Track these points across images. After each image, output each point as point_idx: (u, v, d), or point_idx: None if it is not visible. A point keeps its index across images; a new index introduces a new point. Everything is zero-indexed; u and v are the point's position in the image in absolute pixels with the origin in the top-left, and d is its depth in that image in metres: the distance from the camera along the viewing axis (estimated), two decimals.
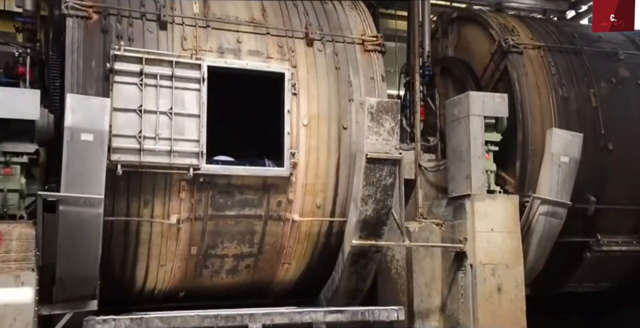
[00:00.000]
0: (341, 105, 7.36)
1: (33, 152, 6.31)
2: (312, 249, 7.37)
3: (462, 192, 7.95)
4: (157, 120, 6.45)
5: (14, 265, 5.89)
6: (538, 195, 8.07)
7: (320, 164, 7.21)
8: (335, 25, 7.66)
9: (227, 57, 6.93)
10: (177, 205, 6.65)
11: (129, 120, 6.37)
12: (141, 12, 6.71)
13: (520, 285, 7.76)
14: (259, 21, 7.22)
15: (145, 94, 6.40)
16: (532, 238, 8.10)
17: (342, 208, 7.33)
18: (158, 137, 6.44)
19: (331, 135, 7.27)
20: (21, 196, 6.22)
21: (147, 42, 6.66)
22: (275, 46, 7.19)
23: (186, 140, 6.57)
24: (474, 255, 7.64)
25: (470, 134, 7.87)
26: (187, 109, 6.56)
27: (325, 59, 7.41)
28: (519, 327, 7.66)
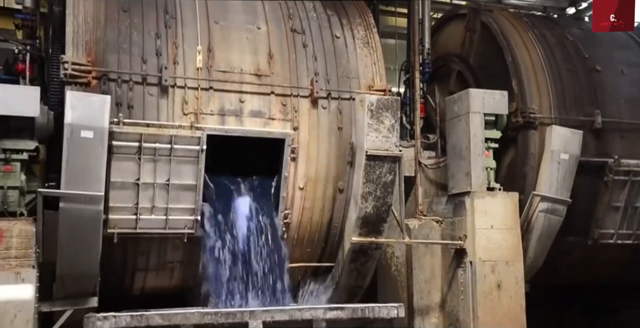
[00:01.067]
0: (339, 168, 7.30)
1: (33, 149, 6.32)
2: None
3: (462, 189, 7.97)
4: (154, 192, 6.45)
5: (14, 262, 5.91)
6: (538, 192, 8.09)
7: (312, 223, 7.29)
8: (344, 70, 7.41)
9: (228, 120, 6.84)
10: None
11: (125, 192, 6.38)
12: (142, 74, 6.57)
13: (520, 282, 7.78)
14: (264, 72, 7.03)
15: (143, 168, 6.38)
16: (532, 235, 8.13)
17: (330, 256, 7.46)
18: (154, 207, 6.47)
19: (326, 197, 7.29)
20: (21, 193, 6.24)
21: (147, 107, 6.58)
22: (279, 105, 7.05)
23: (182, 208, 6.59)
24: (474, 252, 7.67)
25: (470, 131, 7.90)
26: (184, 179, 6.55)
27: (328, 117, 7.25)
28: (519, 323, 7.68)
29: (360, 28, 7.73)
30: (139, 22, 6.75)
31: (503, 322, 7.62)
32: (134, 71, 6.56)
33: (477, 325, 7.54)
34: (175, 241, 6.71)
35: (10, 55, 6.92)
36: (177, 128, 6.51)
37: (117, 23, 6.66)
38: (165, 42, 6.74)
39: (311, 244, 7.38)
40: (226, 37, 7.02)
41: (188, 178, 6.55)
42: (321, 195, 7.26)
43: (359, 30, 7.70)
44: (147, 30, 6.75)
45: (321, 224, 7.34)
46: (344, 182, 7.31)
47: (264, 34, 7.18)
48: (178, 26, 6.85)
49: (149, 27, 6.76)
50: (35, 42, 6.98)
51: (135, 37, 6.68)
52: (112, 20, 6.65)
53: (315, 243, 7.41)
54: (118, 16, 6.70)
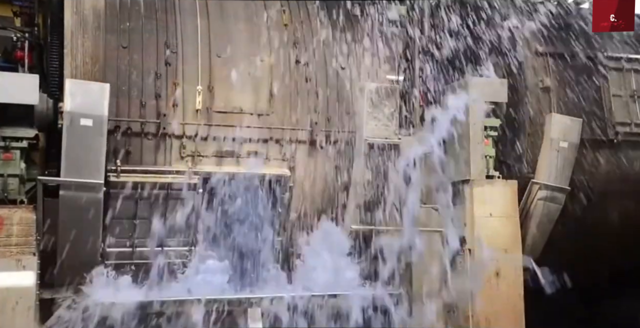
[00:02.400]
0: (333, 201, 7.40)
1: (32, 137, 6.38)
2: None
3: (461, 177, 7.97)
4: (149, 227, 6.57)
5: (15, 249, 6.00)
6: (537, 180, 8.17)
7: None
8: (347, 105, 7.39)
9: (225, 161, 6.93)
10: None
11: (122, 228, 6.54)
12: (141, 121, 6.64)
13: (518, 270, 7.84)
14: (264, 111, 7.05)
15: (140, 208, 6.54)
16: (531, 223, 8.20)
17: None
18: (150, 240, 6.60)
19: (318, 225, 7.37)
20: (21, 181, 6.31)
21: (144, 151, 6.68)
22: (277, 146, 7.13)
23: (178, 240, 6.76)
24: (473, 239, 7.72)
25: (470, 119, 7.90)
26: (181, 216, 6.68)
27: (325, 156, 7.32)
28: (517, 311, 7.76)
29: (367, 54, 7.63)
30: (139, 58, 6.75)
31: (501, 309, 7.71)
32: (133, 117, 6.63)
33: (475, 311, 7.59)
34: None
35: (9, 42, 6.91)
36: (174, 174, 6.63)
37: (116, 61, 6.67)
38: (165, 81, 6.75)
39: None
40: (227, 74, 6.98)
41: (185, 215, 6.69)
42: (314, 223, 7.37)
43: (365, 57, 7.61)
44: (146, 68, 6.74)
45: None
46: (335, 212, 7.41)
47: (266, 67, 7.15)
48: (178, 63, 6.84)
49: (148, 65, 6.75)
50: (34, 30, 6.99)
51: (134, 78, 6.69)
52: (112, 58, 6.64)
53: None
54: (117, 53, 6.70)
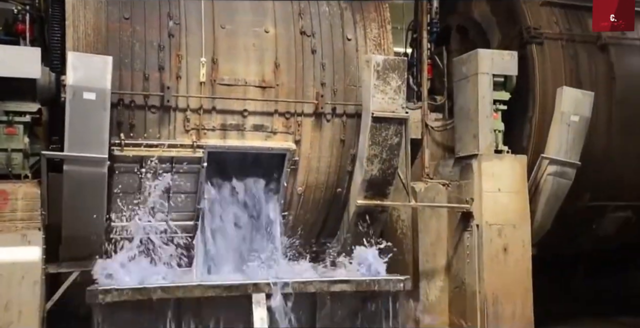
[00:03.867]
0: (339, 176, 7.42)
1: (36, 111, 6.44)
2: None
3: (469, 151, 8.07)
4: (154, 201, 6.64)
5: (20, 224, 6.09)
6: (547, 155, 8.20)
7: (308, 222, 7.53)
8: (352, 78, 7.32)
9: (230, 134, 6.94)
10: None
11: (127, 201, 6.59)
12: (144, 94, 6.62)
13: (526, 246, 7.95)
14: (269, 83, 7.00)
15: (144, 182, 6.59)
16: (540, 199, 8.27)
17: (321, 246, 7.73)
18: (155, 214, 6.67)
19: (324, 200, 7.47)
20: (25, 156, 6.37)
21: (148, 125, 6.67)
22: (282, 118, 7.11)
23: (181, 214, 6.86)
24: (481, 215, 7.82)
25: (479, 92, 7.95)
26: (185, 189, 6.77)
27: (332, 129, 7.29)
28: (525, 287, 7.88)
29: (374, 25, 7.54)
30: (142, 30, 6.72)
31: (509, 285, 7.82)
32: (136, 90, 6.62)
33: (482, 288, 7.73)
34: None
35: (10, 15, 6.95)
36: (179, 147, 6.67)
37: (118, 33, 6.64)
38: (168, 53, 6.73)
39: (306, 240, 7.57)
40: (232, 45, 6.97)
41: (189, 189, 6.79)
42: (319, 199, 7.46)
43: (372, 29, 7.52)
44: (149, 40, 6.72)
45: (316, 222, 7.61)
46: (342, 188, 7.48)
47: (271, 38, 7.11)
48: (182, 34, 6.79)
49: (151, 37, 6.73)
50: (35, 2, 7.01)
51: (137, 49, 6.67)
52: (114, 30, 6.62)
53: (310, 237, 7.66)
54: (120, 25, 6.66)
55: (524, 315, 7.84)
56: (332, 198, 7.51)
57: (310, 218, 7.55)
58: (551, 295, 8.72)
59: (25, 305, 5.94)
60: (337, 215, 7.61)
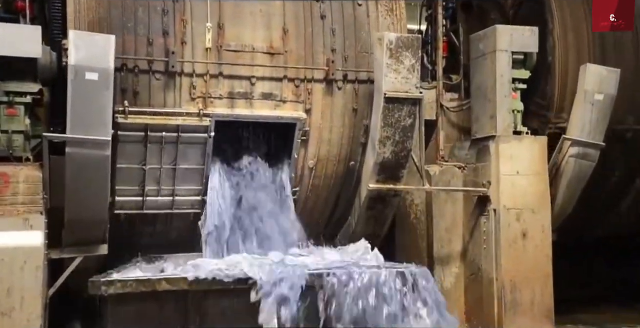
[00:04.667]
0: (352, 148, 7.46)
1: (37, 92, 6.47)
2: None
3: (486, 133, 8.04)
4: (160, 175, 6.76)
5: (22, 208, 6.13)
6: (569, 136, 8.17)
7: (319, 199, 7.58)
8: (363, 45, 7.33)
9: (237, 103, 6.96)
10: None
11: (132, 176, 6.69)
12: (149, 60, 6.64)
13: (547, 231, 7.95)
14: (278, 49, 7.03)
15: (150, 153, 6.66)
16: (561, 182, 8.26)
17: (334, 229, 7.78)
18: (161, 189, 6.79)
19: (337, 176, 7.50)
20: (26, 138, 6.41)
21: (153, 92, 6.70)
22: (292, 86, 7.12)
23: (189, 189, 6.92)
24: (498, 199, 7.80)
25: (497, 70, 7.90)
26: (191, 162, 6.82)
27: (343, 98, 7.31)
28: (545, 273, 7.88)
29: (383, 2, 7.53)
30: None
31: (528, 271, 7.82)
32: (140, 55, 6.64)
33: (500, 274, 7.73)
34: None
35: None
36: (185, 116, 6.71)
37: None
38: (172, 18, 6.74)
39: (318, 216, 7.70)
40: (238, 11, 6.97)
41: (195, 162, 6.84)
42: (331, 174, 7.49)
43: None
44: (153, 5, 6.71)
45: (329, 200, 7.65)
46: (355, 162, 7.50)
47: (279, 3, 7.11)
48: None
49: (155, 1, 6.72)
50: None
51: (140, 14, 6.68)
52: None
53: (322, 217, 7.75)
54: None
55: (543, 303, 7.84)
56: (346, 173, 7.53)
57: (322, 196, 7.57)
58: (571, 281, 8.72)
59: (27, 291, 5.99)
60: (350, 192, 7.61)
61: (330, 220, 7.86)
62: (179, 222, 7.21)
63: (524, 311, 7.77)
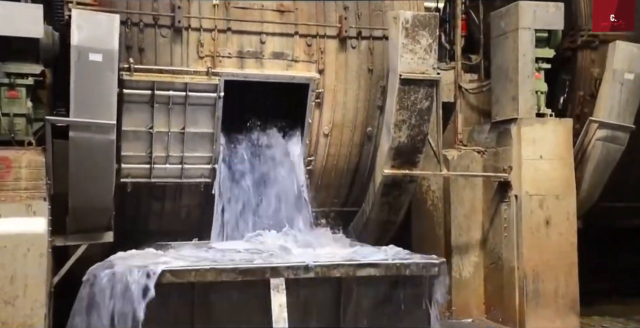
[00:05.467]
0: (369, 112, 7.46)
1: (39, 74, 6.49)
2: None
3: (507, 115, 8.02)
4: (168, 141, 6.77)
5: (24, 193, 6.14)
6: (596, 117, 8.12)
7: (337, 170, 7.55)
8: (377, 3, 7.36)
9: (247, 63, 6.98)
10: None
11: (138, 141, 6.71)
12: (154, 15, 6.65)
13: (571, 218, 7.93)
14: (288, 7, 7.04)
15: (156, 116, 6.67)
16: (587, 166, 8.24)
17: (355, 203, 7.75)
18: (169, 156, 6.81)
19: (353, 143, 7.49)
20: (28, 121, 6.44)
21: (159, 50, 6.73)
22: (303, 45, 7.13)
23: (198, 157, 6.94)
24: (520, 185, 7.80)
25: (519, 49, 7.87)
26: (200, 127, 6.84)
27: (358, 57, 7.32)
28: (569, 262, 7.87)
29: None
30: None
31: (551, 260, 7.82)
32: (144, 10, 6.66)
33: (521, 263, 7.76)
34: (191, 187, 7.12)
35: None
36: (192, 74, 6.74)
37: None
38: None
39: (335, 191, 7.69)
40: None
41: (204, 126, 6.86)
42: (347, 141, 7.48)
43: None
44: None
45: (346, 171, 7.62)
46: (373, 127, 7.50)
47: None
48: None
49: None
50: None
51: None
52: None
53: (340, 190, 7.72)
54: None
55: (567, 293, 7.85)
56: (362, 140, 7.55)
57: (339, 166, 7.57)
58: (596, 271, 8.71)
59: (31, 278, 6.01)
60: (368, 163, 7.58)
61: (347, 198, 7.83)
62: (188, 198, 7.25)
63: (547, 302, 7.78)
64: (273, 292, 5.75)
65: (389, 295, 6.10)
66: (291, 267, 5.87)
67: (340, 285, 5.97)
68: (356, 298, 5.98)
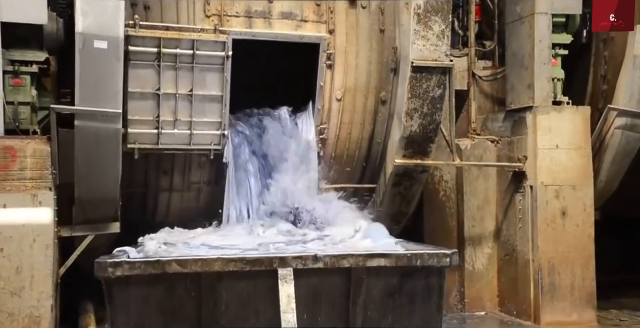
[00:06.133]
0: (382, 76, 7.49)
1: (43, 61, 6.58)
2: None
3: (523, 104, 8.03)
4: (176, 103, 6.81)
5: (30, 183, 6.22)
6: (615, 105, 8.11)
7: (352, 139, 7.57)
8: None
9: (255, 22, 7.03)
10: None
11: (145, 103, 6.75)
12: None
13: (589, 209, 7.94)
14: None
15: (164, 76, 6.70)
16: (606, 156, 8.26)
17: (372, 178, 7.77)
18: (177, 120, 6.84)
19: (367, 109, 7.52)
20: (33, 110, 6.52)
21: (165, 8, 6.78)
22: (312, 5, 7.19)
23: (207, 122, 6.98)
24: (535, 175, 7.82)
25: (535, 35, 7.85)
26: (209, 89, 6.88)
27: (369, 18, 7.36)
28: (586, 255, 7.90)
29: None
30: None
31: (568, 252, 7.85)
32: None
33: (537, 256, 7.79)
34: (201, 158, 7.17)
35: None
36: (200, 32, 6.77)
37: None
38: None
39: (351, 163, 7.70)
40: None
41: (213, 89, 6.89)
42: (361, 107, 7.50)
43: None
44: None
45: (362, 140, 7.63)
46: (387, 92, 7.51)
47: None
48: None
49: None
50: None
51: None
52: None
53: (355, 162, 7.72)
54: None
55: (584, 286, 7.88)
56: (377, 106, 7.58)
57: (354, 135, 7.59)
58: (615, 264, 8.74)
59: (37, 270, 6.13)
60: (385, 132, 7.60)
61: (364, 173, 7.85)
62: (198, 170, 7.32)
63: (563, 295, 7.83)
64: (281, 282, 5.79)
65: (399, 286, 6.15)
66: (300, 257, 5.91)
67: (350, 276, 6.00)
68: (366, 289, 6.02)
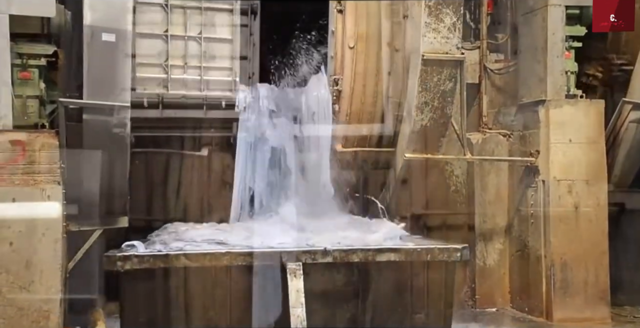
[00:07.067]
0: (394, 24, 7.52)
1: (51, 54, 6.72)
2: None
3: (535, 97, 8.10)
4: (185, 47, 6.94)
5: (38, 177, 6.32)
6: (630, 98, 8.20)
7: (367, 91, 7.59)
8: None
9: None
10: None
11: (154, 47, 6.90)
12: None
13: (602, 204, 8.01)
14: None
15: (172, 18, 6.84)
16: (620, 150, 8.38)
17: (389, 138, 7.79)
18: (186, 64, 6.97)
19: (380, 58, 7.55)
20: (41, 103, 6.68)
21: None
22: None
23: (218, 67, 7.12)
24: (548, 169, 7.91)
25: (548, 27, 7.93)
26: (218, 32, 7.00)
27: None
28: (600, 251, 7.98)
29: None
30: None
31: (580, 248, 7.94)
32: None
33: (549, 251, 7.89)
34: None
35: None
36: None
37: None
38: None
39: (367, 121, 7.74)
40: None
41: (222, 32, 7.02)
42: (375, 57, 7.52)
43: None
44: None
45: (377, 94, 7.64)
46: (399, 40, 7.52)
47: None
48: None
49: None
50: None
51: None
52: None
53: (371, 120, 7.75)
54: None
55: (598, 283, 7.96)
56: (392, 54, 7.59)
57: (369, 87, 7.63)
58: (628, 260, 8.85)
59: (46, 264, 6.24)
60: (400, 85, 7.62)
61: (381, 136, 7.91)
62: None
63: (576, 291, 7.92)
64: (290, 277, 5.92)
65: (409, 281, 6.32)
66: (309, 251, 6.07)
67: (359, 270, 6.15)
68: (375, 284, 6.20)
